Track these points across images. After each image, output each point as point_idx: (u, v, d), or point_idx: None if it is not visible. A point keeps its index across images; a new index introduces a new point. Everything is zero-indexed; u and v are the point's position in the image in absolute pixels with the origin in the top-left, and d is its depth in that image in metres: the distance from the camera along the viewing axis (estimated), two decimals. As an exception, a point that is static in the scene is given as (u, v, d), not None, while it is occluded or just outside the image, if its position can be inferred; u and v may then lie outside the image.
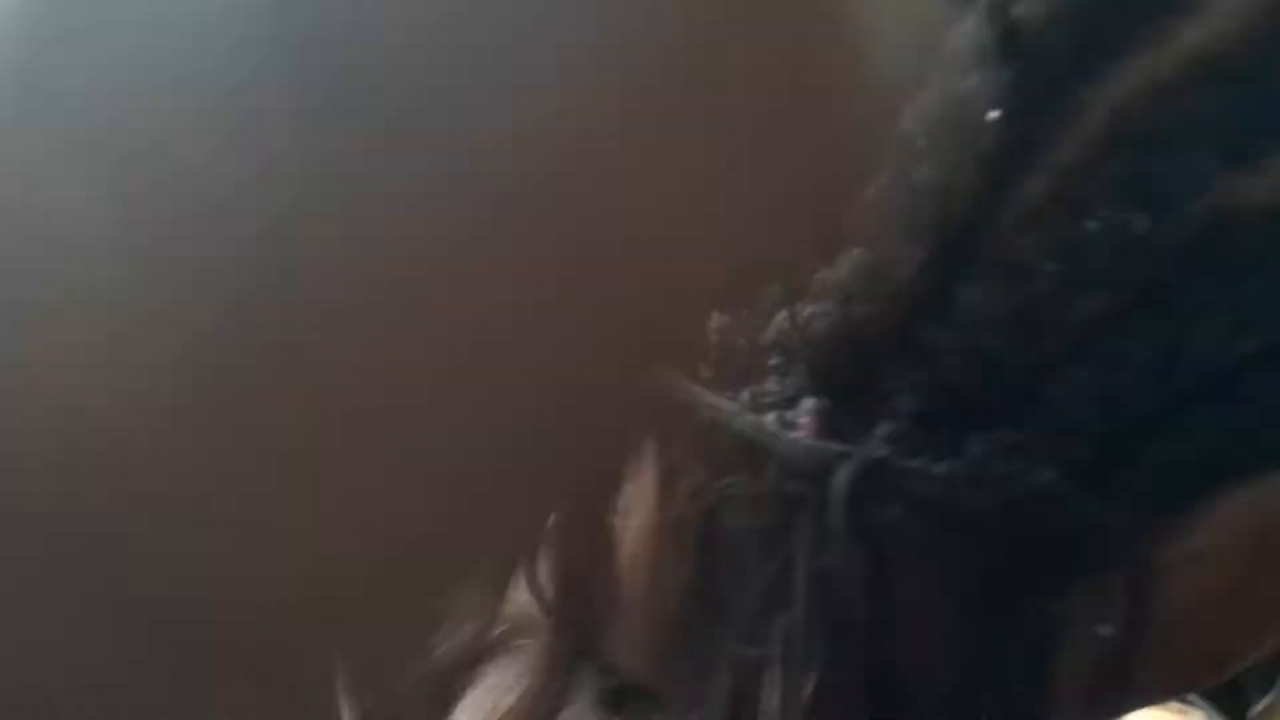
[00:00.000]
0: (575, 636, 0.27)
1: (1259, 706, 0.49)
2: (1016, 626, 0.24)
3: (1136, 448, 0.21)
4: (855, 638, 0.23)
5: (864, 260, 0.21)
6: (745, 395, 0.23)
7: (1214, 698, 0.49)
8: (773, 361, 0.23)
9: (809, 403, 0.22)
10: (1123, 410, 0.21)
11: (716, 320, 0.24)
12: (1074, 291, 0.20)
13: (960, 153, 0.20)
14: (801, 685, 0.23)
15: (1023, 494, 0.21)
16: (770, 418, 0.23)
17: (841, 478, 0.21)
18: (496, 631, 0.28)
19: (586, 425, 0.14)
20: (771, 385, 0.23)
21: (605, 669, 0.27)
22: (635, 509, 0.26)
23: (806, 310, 0.22)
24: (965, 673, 0.24)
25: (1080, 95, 0.20)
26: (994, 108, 0.20)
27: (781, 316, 0.23)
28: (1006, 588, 0.23)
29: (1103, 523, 0.23)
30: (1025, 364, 0.21)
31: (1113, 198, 0.20)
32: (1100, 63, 0.20)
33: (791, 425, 0.22)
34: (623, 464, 0.26)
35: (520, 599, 0.28)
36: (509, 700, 0.27)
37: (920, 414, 0.21)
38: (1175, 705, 0.48)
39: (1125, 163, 0.20)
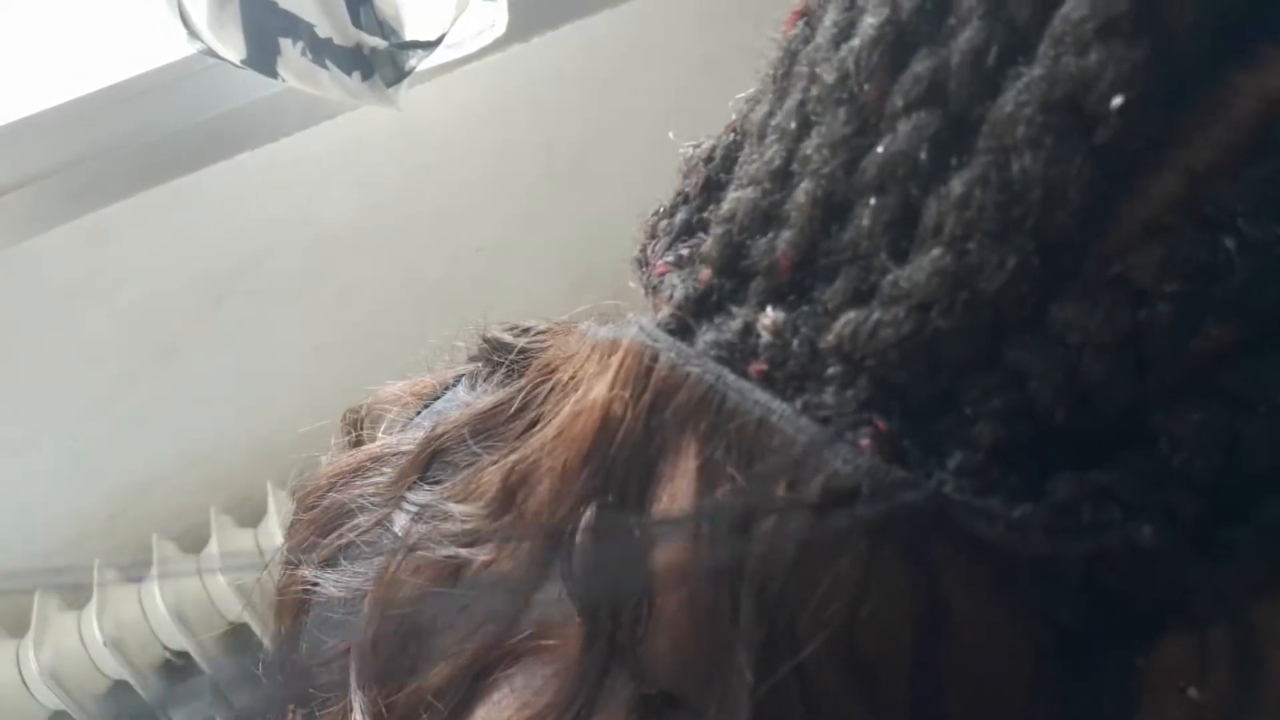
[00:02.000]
0: (608, 640, 0.25)
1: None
2: (1091, 683, 0.21)
3: (1253, 502, 0.18)
4: (901, 683, 0.20)
5: (945, 263, 0.18)
6: (798, 402, 0.20)
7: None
8: (832, 370, 0.20)
9: (872, 420, 0.19)
10: (1244, 458, 0.18)
11: (771, 315, 0.21)
12: (1199, 317, 0.17)
13: (1073, 144, 0.17)
14: None
15: (1113, 546, 0.18)
16: (826, 430, 0.20)
17: (902, 508, 0.19)
18: (526, 633, 0.26)
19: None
20: (829, 396, 0.20)
21: (638, 675, 0.25)
22: (672, 508, 0.24)
23: (875, 315, 0.19)
24: None
25: (1226, 83, 0.17)
26: (1119, 92, 0.16)
27: (846, 320, 0.20)
28: (1082, 641, 0.21)
29: (1204, 582, 0.20)
30: (1130, 397, 0.18)
31: (1256, 210, 0.16)
32: (1254, 44, 0.16)
33: (850, 443, 0.19)
34: (659, 459, 0.24)
35: (550, 599, 0.26)
36: (538, 702, 0.26)
37: (999, 445, 0.18)
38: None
39: (1274, 168, 0.16)
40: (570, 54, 1.09)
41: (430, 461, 0.33)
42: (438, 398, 0.40)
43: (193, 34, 0.88)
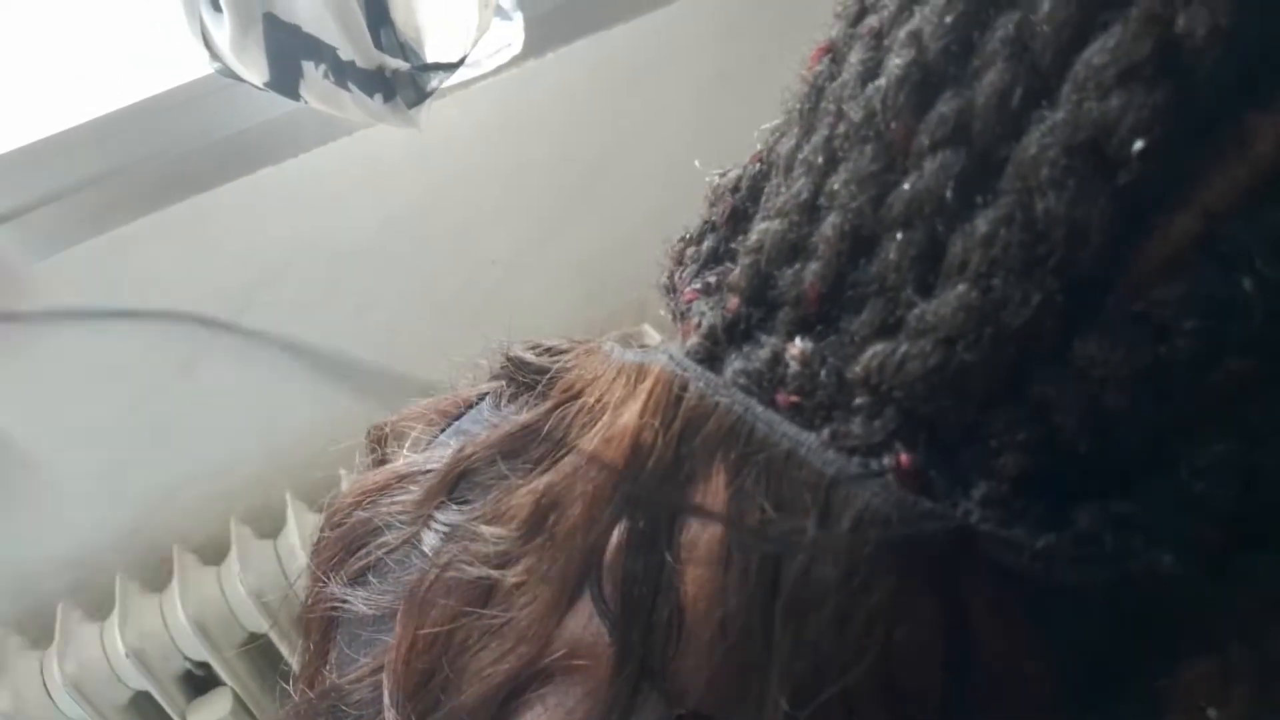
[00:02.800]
0: (639, 661, 0.25)
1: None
2: (1114, 704, 0.22)
3: (1271, 530, 0.18)
4: (931, 710, 0.21)
5: (971, 299, 0.19)
6: (825, 432, 0.21)
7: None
8: (859, 400, 0.20)
9: (898, 450, 0.20)
10: (1262, 488, 0.18)
11: (799, 345, 0.22)
12: (1217, 352, 0.17)
13: (1095, 186, 0.17)
14: None
15: (1136, 574, 0.18)
16: (853, 461, 0.20)
17: (928, 539, 0.19)
18: (557, 654, 0.27)
19: None
20: (856, 426, 0.20)
21: (668, 695, 0.25)
22: (702, 534, 0.25)
23: (902, 348, 0.20)
24: None
25: (1244, 125, 0.17)
26: (1140, 136, 0.17)
27: (873, 351, 0.20)
28: (1106, 667, 0.21)
29: (1224, 606, 0.20)
30: (1151, 429, 0.18)
31: (1272, 250, 0.17)
32: (1271, 88, 0.17)
33: (876, 473, 0.20)
34: (689, 486, 0.24)
35: (582, 620, 0.27)
36: None
37: (1024, 476, 0.19)
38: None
39: None
40: (585, 69, 1.10)
41: (458, 481, 0.34)
42: (461, 415, 0.40)
43: (215, 57, 0.89)
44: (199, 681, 1.12)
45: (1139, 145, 0.17)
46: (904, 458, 0.19)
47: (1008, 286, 0.18)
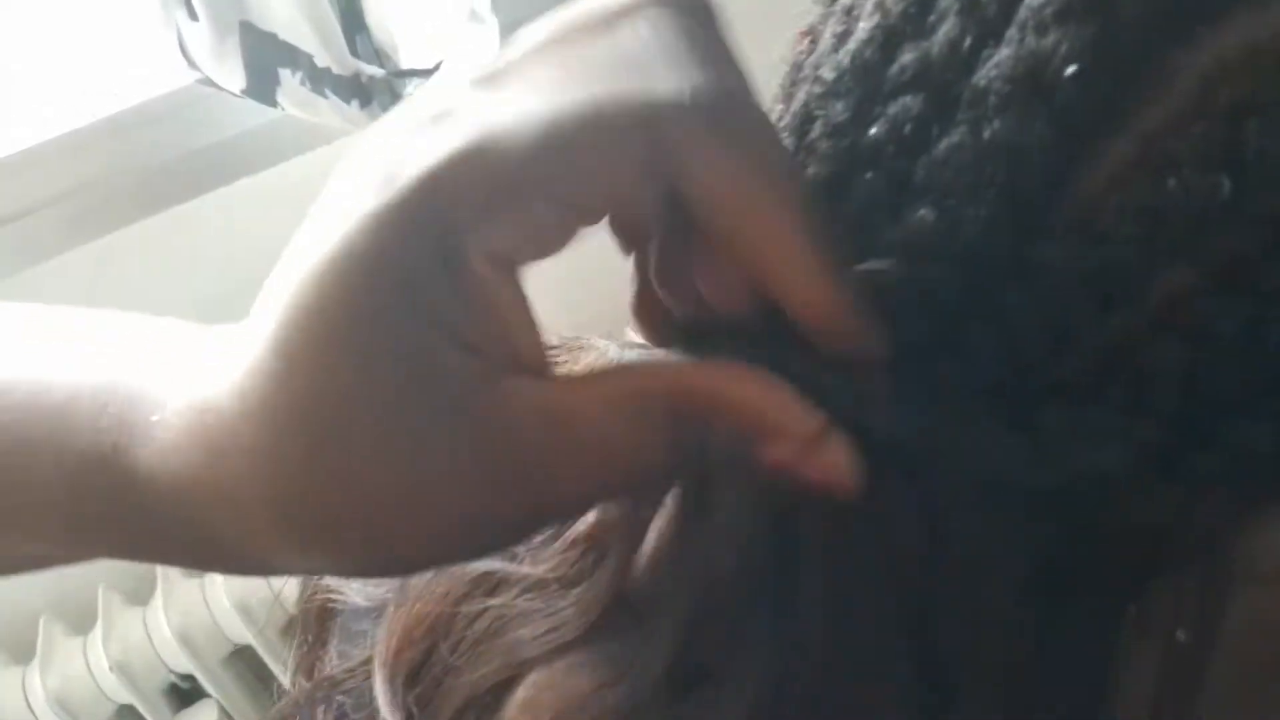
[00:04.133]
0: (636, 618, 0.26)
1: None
2: (1081, 624, 0.23)
3: (1215, 430, 0.20)
4: (904, 622, 0.22)
5: (930, 219, 0.20)
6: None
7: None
8: None
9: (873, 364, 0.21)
10: (1201, 389, 0.20)
11: None
12: (1155, 259, 0.19)
13: (1034, 109, 0.19)
14: (844, 665, 0.23)
15: (1094, 474, 0.20)
16: (830, 377, 0.22)
17: (904, 444, 0.21)
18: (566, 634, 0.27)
19: None
20: None
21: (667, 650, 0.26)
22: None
23: (874, 267, 0.21)
24: (1022, 669, 0.23)
25: (1169, 58, 0.19)
26: (1072, 62, 0.19)
27: (852, 273, 0.22)
28: (1071, 581, 0.23)
29: (1179, 511, 0.21)
30: (1102, 335, 0.20)
31: (1200, 165, 0.18)
32: (1190, 24, 0.19)
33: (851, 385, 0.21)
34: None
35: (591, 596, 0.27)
36: (573, 685, 0.27)
37: (989, 383, 0.20)
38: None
39: (1213, 128, 0.19)
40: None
41: None
42: None
43: (192, 65, 0.90)
44: (184, 694, 1.12)
45: (1071, 70, 0.19)
46: (878, 369, 0.21)
47: (961, 205, 0.20)
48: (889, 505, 0.22)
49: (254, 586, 1.05)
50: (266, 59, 0.87)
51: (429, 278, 0.19)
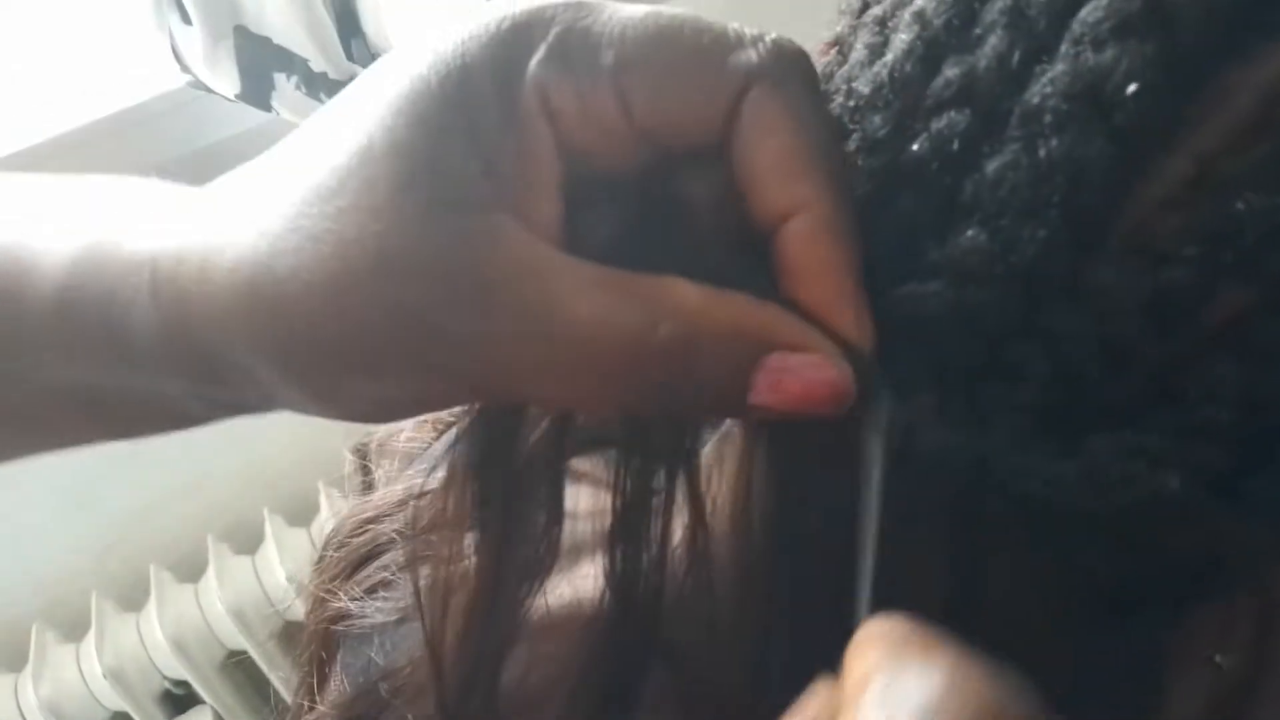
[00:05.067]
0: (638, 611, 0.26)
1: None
2: (1126, 647, 0.23)
3: (1272, 454, 0.20)
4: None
5: (980, 239, 0.20)
6: None
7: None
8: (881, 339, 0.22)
9: (920, 386, 0.21)
10: (1262, 412, 0.19)
11: None
12: (1215, 279, 0.19)
13: (1094, 127, 0.19)
14: None
15: (1145, 500, 0.20)
16: (881, 403, 0.22)
17: (950, 467, 0.20)
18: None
19: None
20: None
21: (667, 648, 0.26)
22: (721, 468, 0.25)
23: (919, 289, 0.21)
24: (1062, 692, 0.23)
25: (1227, 75, 0.18)
26: (1134, 80, 0.18)
27: (893, 295, 0.21)
28: (1117, 603, 0.22)
29: (1230, 537, 0.21)
30: (1157, 357, 0.19)
31: (1259, 184, 0.18)
32: (1249, 41, 0.18)
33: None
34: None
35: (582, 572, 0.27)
36: (571, 667, 0.27)
37: (1039, 407, 0.20)
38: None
39: (1274, 147, 0.18)
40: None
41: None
42: (454, 424, 0.40)
43: (185, 69, 0.89)
44: (178, 701, 1.10)
45: (1133, 88, 0.18)
46: (924, 392, 0.20)
47: (1015, 226, 0.19)
48: (925, 536, 0.22)
49: (249, 592, 1.04)
50: (261, 63, 0.86)
51: (482, 83, 0.20)
